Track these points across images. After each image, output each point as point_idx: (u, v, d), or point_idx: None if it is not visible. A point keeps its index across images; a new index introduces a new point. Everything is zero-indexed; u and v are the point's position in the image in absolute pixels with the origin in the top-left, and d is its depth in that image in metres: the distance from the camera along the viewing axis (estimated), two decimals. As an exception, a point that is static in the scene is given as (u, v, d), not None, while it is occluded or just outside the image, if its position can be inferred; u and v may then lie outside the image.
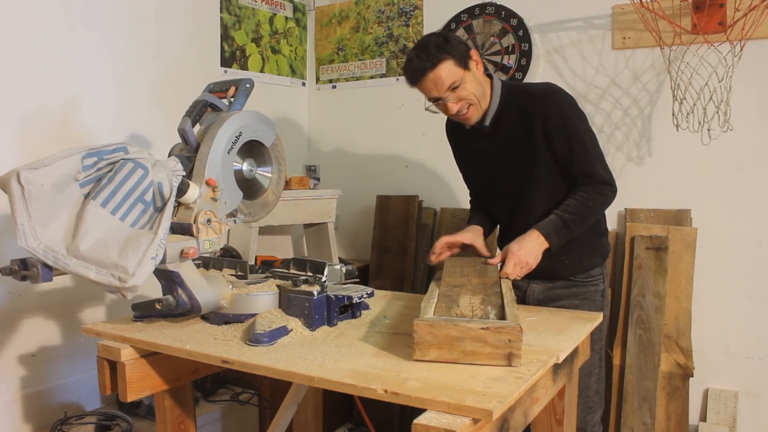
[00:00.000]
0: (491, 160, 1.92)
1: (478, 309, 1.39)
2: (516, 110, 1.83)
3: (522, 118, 1.82)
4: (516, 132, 1.84)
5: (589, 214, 1.79)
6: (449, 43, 1.75)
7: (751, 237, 2.43)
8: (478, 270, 1.74)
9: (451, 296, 1.49)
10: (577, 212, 1.76)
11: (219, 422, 2.43)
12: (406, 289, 2.97)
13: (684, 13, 2.35)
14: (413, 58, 1.76)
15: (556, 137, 1.79)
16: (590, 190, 1.78)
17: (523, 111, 1.82)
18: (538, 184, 1.85)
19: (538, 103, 1.80)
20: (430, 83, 1.75)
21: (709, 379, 2.51)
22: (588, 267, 1.91)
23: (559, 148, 1.80)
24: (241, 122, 1.63)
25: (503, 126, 1.86)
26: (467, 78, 1.77)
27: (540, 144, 1.81)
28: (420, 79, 1.76)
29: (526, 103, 1.82)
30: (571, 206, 1.77)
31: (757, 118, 2.39)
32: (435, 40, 1.75)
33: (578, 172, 1.79)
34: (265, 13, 3.16)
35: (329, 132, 3.46)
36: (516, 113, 1.83)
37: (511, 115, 1.84)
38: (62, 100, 2.25)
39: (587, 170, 1.79)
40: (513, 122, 1.84)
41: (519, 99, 1.85)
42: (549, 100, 1.81)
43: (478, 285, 1.60)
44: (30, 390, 2.17)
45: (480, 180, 2.04)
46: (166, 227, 1.42)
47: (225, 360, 1.32)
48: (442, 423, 1.02)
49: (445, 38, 1.76)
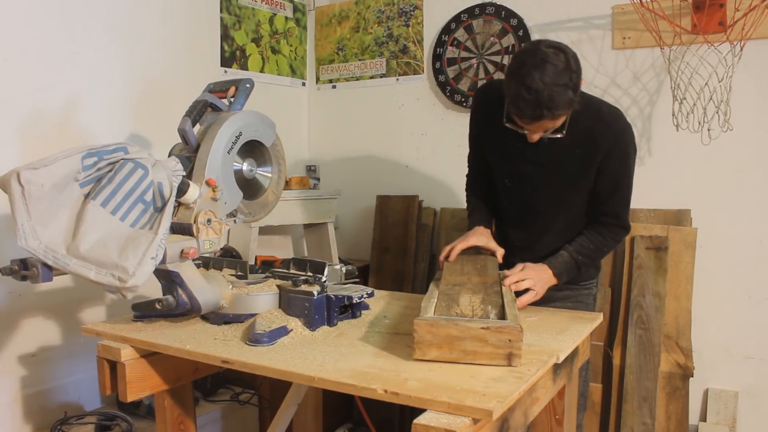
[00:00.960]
0: (529, 165, 1.79)
1: (478, 308, 1.39)
2: (582, 127, 1.69)
3: (586, 142, 1.71)
4: (572, 151, 1.72)
5: (599, 258, 1.84)
6: (571, 90, 1.53)
7: (751, 237, 2.43)
8: (478, 269, 1.74)
9: (451, 295, 1.49)
10: (590, 256, 1.78)
11: (219, 422, 2.43)
12: (406, 289, 2.97)
13: (684, 13, 2.35)
14: (536, 90, 1.49)
15: (608, 174, 1.74)
16: (609, 234, 1.80)
17: (590, 135, 1.71)
18: (567, 206, 1.82)
19: (608, 134, 1.72)
20: (535, 127, 1.61)
21: (709, 379, 2.51)
22: (585, 279, 1.92)
23: (604, 184, 1.76)
24: (241, 122, 1.63)
25: (560, 139, 1.69)
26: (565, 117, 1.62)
27: (590, 170, 1.74)
28: (534, 122, 1.58)
29: (595, 127, 1.71)
30: (586, 249, 1.78)
31: (757, 118, 2.39)
32: (563, 82, 1.50)
33: (609, 212, 1.79)
34: (265, 13, 3.16)
35: (329, 132, 3.46)
36: (582, 130, 1.69)
37: (574, 132, 1.68)
38: (62, 100, 2.25)
39: (617, 213, 1.79)
40: (573, 140, 1.69)
41: (589, 118, 1.71)
42: (619, 136, 1.73)
43: (479, 284, 1.60)
44: (30, 390, 2.17)
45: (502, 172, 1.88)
46: (166, 227, 1.42)
47: (225, 360, 1.32)
48: (442, 423, 1.02)
49: (571, 81, 1.52)
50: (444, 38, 3.03)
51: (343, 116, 3.40)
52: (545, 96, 1.49)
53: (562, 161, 1.75)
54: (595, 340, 2.53)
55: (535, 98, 1.50)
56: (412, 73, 3.16)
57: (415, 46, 3.14)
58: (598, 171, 1.75)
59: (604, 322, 2.56)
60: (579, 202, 1.82)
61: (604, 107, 1.79)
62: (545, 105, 1.50)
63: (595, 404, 2.56)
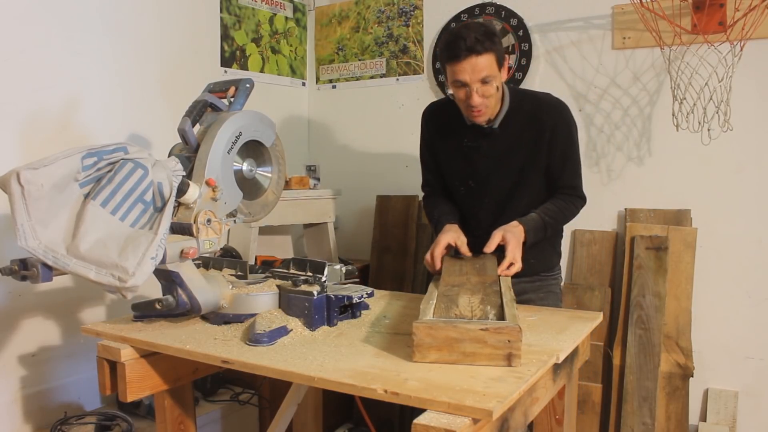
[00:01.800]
0: (488, 159, 1.94)
1: (477, 309, 1.39)
2: (525, 115, 1.89)
3: (532, 125, 1.88)
4: (522, 136, 1.89)
5: (563, 222, 1.97)
6: (496, 37, 1.77)
7: (751, 237, 2.43)
8: (477, 269, 1.74)
9: (450, 296, 1.49)
10: (555, 218, 1.91)
11: (219, 422, 2.43)
12: (406, 289, 2.97)
13: (684, 13, 2.35)
14: (463, 36, 1.73)
15: (558, 150, 1.91)
16: (569, 200, 1.95)
17: (533, 118, 1.89)
18: (529, 188, 1.95)
19: (552, 114, 1.90)
20: (469, 67, 1.75)
21: (709, 379, 2.51)
22: (551, 266, 2.04)
23: (555, 159, 1.92)
24: (241, 122, 1.63)
25: (509, 128, 1.90)
26: (498, 78, 1.79)
27: (542, 151, 1.90)
28: (462, 58, 1.74)
29: (537, 111, 1.89)
30: (551, 211, 1.91)
31: (757, 118, 2.39)
32: (486, 29, 1.76)
33: (564, 184, 1.95)
34: (265, 13, 3.16)
35: (329, 132, 3.46)
36: (525, 118, 1.89)
37: (520, 120, 1.89)
38: (62, 100, 2.25)
39: (573, 184, 1.96)
40: (521, 126, 1.89)
41: (531, 105, 1.90)
42: (561, 114, 1.92)
43: (477, 284, 1.60)
44: (30, 390, 2.17)
45: (463, 177, 2.02)
46: (166, 227, 1.42)
47: (225, 360, 1.32)
48: (442, 423, 1.02)
49: (494, 32, 1.78)
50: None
51: (343, 116, 3.40)
52: (472, 35, 1.72)
53: (516, 146, 1.90)
54: (595, 340, 2.53)
55: (463, 36, 1.73)
56: (412, 73, 3.16)
57: (415, 46, 3.14)
58: (548, 148, 1.90)
59: (604, 322, 2.56)
60: (538, 182, 1.95)
61: (541, 94, 1.97)
62: (473, 38, 1.71)
63: (595, 404, 2.56)
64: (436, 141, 2.07)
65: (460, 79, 1.78)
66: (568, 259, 2.76)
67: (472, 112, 1.84)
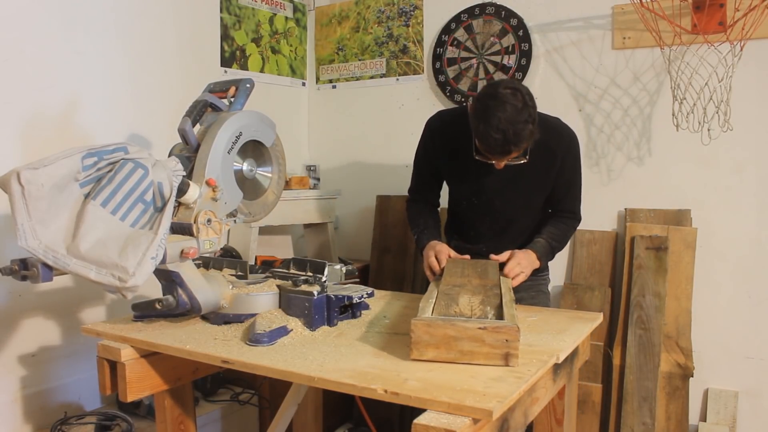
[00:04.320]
0: (497, 180, 1.94)
1: (477, 309, 1.39)
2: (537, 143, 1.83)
3: (544, 152, 1.89)
4: (534, 162, 1.86)
5: (565, 243, 2.08)
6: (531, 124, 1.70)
7: (751, 237, 2.43)
8: (479, 272, 1.74)
9: (450, 295, 1.49)
10: (560, 241, 2.02)
11: (219, 422, 2.43)
12: (406, 289, 2.97)
13: (684, 13, 2.35)
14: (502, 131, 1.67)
15: (563, 176, 1.98)
16: (570, 223, 2.06)
17: (546, 146, 1.89)
18: (532, 210, 2.05)
19: (563, 144, 1.95)
20: (501, 157, 1.78)
21: (709, 379, 2.51)
22: (542, 268, 2.06)
23: (561, 185, 2.00)
24: (241, 122, 1.64)
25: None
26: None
27: (550, 176, 1.97)
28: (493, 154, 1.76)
29: (550, 140, 1.91)
30: (555, 234, 2.01)
31: (757, 118, 2.39)
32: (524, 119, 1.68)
33: (565, 208, 2.05)
34: (265, 13, 3.16)
35: (329, 132, 3.46)
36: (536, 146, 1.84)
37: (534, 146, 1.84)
38: (62, 100, 2.25)
39: (573, 208, 2.06)
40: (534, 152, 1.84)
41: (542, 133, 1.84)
42: (571, 145, 1.98)
43: (479, 286, 1.60)
44: (30, 390, 2.17)
45: (468, 194, 2.03)
46: (166, 227, 1.42)
47: (225, 360, 1.32)
48: (442, 423, 1.02)
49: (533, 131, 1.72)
50: (444, 38, 3.03)
51: (343, 116, 3.40)
52: (511, 134, 1.67)
53: (527, 174, 1.93)
54: (595, 340, 2.53)
55: (503, 137, 1.68)
56: (412, 73, 3.16)
57: (415, 46, 3.14)
58: (556, 176, 1.97)
59: (604, 322, 2.56)
60: (540, 203, 2.05)
61: (552, 121, 1.98)
62: (512, 141, 1.69)
63: (595, 404, 2.56)
64: (440, 156, 2.05)
65: (489, 159, 1.80)
66: (568, 259, 2.76)
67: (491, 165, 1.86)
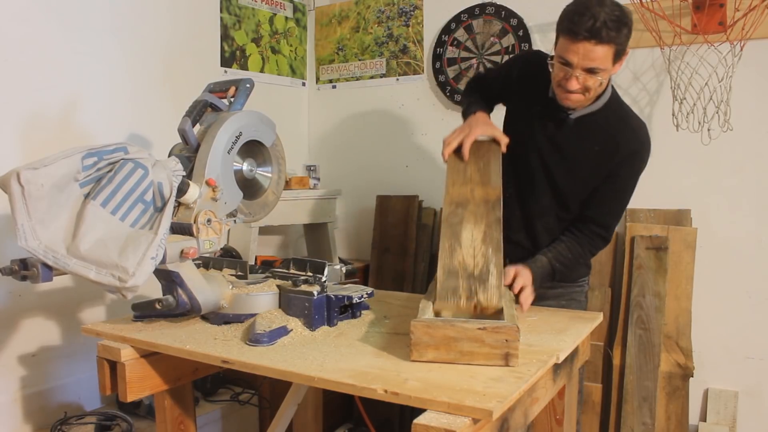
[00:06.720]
0: (554, 146, 1.79)
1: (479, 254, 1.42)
2: (606, 128, 1.73)
3: (608, 139, 1.73)
4: (593, 145, 1.73)
5: (574, 268, 1.85)
6: (626, 28, 1.57)
7: (751, 237, 2.43)
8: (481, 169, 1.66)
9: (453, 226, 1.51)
10: (567, 265, 1.79)
11: (219, 422, 2.43)
12: (406, 289, 2.97)
13: (684, 13, 2.35)
14: (593, 13, 1.52)
15: (613, 179, 1.76)
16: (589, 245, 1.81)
17: (613, 134, 1.73)
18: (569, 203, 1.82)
19: (630, 146, 1.73)
20: (582, 50, 1.56)
21: (709, 379, 2.51)
22: (574, 277, 1.93)
23: (606, 188, 1.77)
24: (241, 122, 1.63)
25: (585, 131, 1.75)
26: (607, 73, 1.63)
27: (602, 171, 1.75)
28: (579, 38, 1.55)
29: (619, 132, 1.73)
30: (564, 257, 1.78)
31: (757, 118, 2.39)
32: (620, 15, 1.54)
33: (599, 220, 1.79)
34: (265, 13, 3.16)
35: (329, 132, 3.46)
36: (604, 131, 1.73)
37: (601, 128, 1.74)
38: (62, 100, 2.25)
39: (607, 223, 1.80)
40: (598, 136, 1.73)
41: (618, 120, 1.74)
42: (638, 152, 1.74)
43: (481, 203, 1.56)
44: (30, 390, 2.17)
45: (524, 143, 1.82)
46: (166, 227, 1.42)
47: (225, 360, 1.32)
48: (442, 423, 1.02)
49: (627, 23, 1.57)
50: (444, 38, 3.03)
51: (343, 116, 3.40)
52: (600, 19, 1.52)
53: (581, 152, 1.75)
54: (595, 340, 2.53)
55: (594, 13, 1.52)
56: (412, 73, 3.16)
57: (415, 46, 3.14)
58: (607, 173, 1.75)
59: (604, 322, 2.55)
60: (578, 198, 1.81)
61: (634, 117, 1.80)
62: (603, 20, 1.51)
63: (595, 404, 2.56)
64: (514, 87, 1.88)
65: (566, 58, 1.59)
66: (568, 259, 2.75)
67: (563, 93, 1.67)
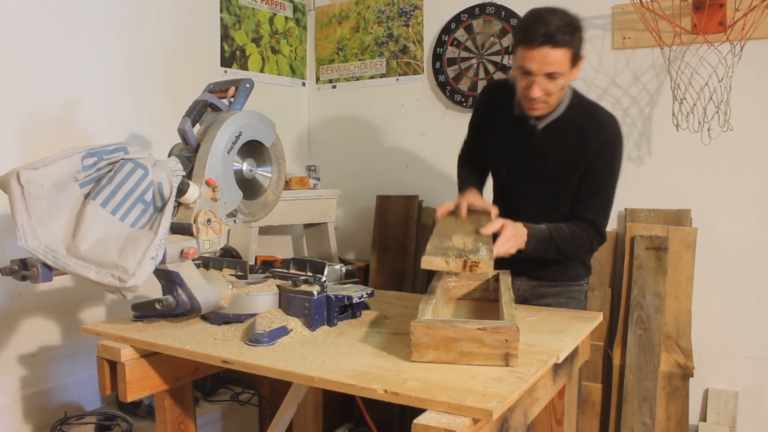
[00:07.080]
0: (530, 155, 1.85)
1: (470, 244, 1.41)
2: (574, 127, 1.78)
3: (578, 134, 1.78)
4: (565, 143, 1.79)
5: (570, 251, 1.80)
6: (579, 32, 1.66)
7: (751, 237, 2.43)
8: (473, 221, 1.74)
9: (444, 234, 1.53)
10: (564, 241, 1.76)
11: (219, 422, 2.43)
12: (406, 289, 2.97)
13: (684, 13, 2.35)
14: (545, 20, 1.61)
15: (592, 174, 1.79)
16: (585, 231, 1.79)
17: (582, 131, 1.78)
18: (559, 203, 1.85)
19: (600, 135, 1.77)
20: (540, 57, 1.63)
21: (709, 379, 2.51)
22: (574, 277, 1.94)
23: (587, 185, 1.80)
24: (241, 122, 1.63)
25: (556, 135, 1.81)
26: (566, 76, 1.69)
27: (579, 167, 1.79)
28: (535, 45, 1.62)
29: (587, 128, 1.78)
30: (563, 234, 1.77)
31: (757, 118, 2.39)
32: (571, 21, 1.64)
33: (587, 217, 1.80)
34: (265, 13, 3.16)
35: (329, 132, 3.46)
36: (575, 128, 1.78)
37: (570, 128, 1.79)
38: (62, 100, 2.25)
39: (595, 220, 1.80)
40: (568, 135, 1.79)
41: (585, 117, 1.79)
42: (610, 141, 1.79)
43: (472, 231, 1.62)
44: (30, 390, 2.17)
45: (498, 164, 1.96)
46: (166, 227, 1.42)
47: (225, 360, 1.32)
48: (442, 423, 1.02)
49: (578, 27, 1.66)
50: (444, 38, 3.03)
51: (343, 116, 3.40)
52: (553, 25, 1.61)
53: (555, 154, 1.80)
54: (595, 340, 2.53)
55: (546, 20, 1.61)
56: (412, 73, 3.16)
57: (415, 46, 3.14)
58: (584, 170, 1.79)
59: (604, 322, 2.56)
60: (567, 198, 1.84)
61: (603, 111, 1.85)
62: (555, 26, 1.60)
63: (595, 404, 2.56)
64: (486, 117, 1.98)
65: (526, 67, 1.66)
66: (568, 259, 2.76)
67: (529, 103, 1.74)
